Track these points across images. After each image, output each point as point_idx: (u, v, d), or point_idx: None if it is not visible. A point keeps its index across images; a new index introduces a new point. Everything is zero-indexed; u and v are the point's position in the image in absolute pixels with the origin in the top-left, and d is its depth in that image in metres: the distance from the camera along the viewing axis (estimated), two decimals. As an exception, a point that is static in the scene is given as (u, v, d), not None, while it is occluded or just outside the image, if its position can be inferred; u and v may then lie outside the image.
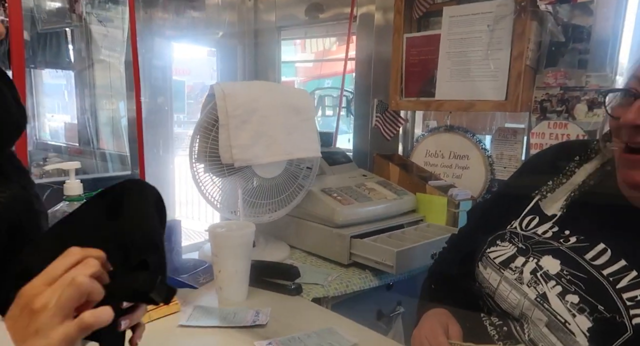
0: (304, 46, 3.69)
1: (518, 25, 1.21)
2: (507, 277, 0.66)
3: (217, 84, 1.01)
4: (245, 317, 0.84)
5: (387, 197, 1.26)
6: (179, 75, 5.87)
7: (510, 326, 0.66)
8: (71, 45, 2.86)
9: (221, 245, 0.89)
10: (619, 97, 0.62)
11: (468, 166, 1.43)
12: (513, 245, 0.69)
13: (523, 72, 1.21)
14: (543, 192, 0.72)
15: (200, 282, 0.98)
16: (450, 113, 1.46)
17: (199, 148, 1.04)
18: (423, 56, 1.45)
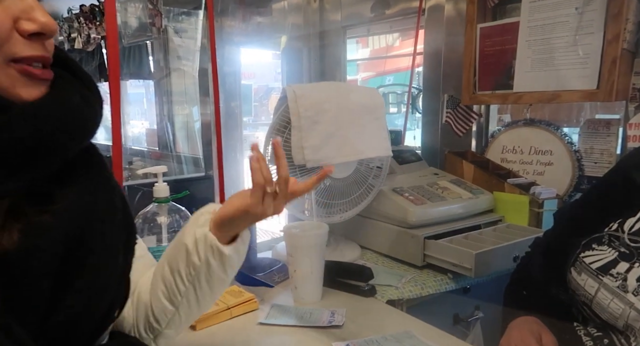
0: (366, 43, 3.64)
1: (613, 4, 1.09)
2: (607, 284, 0.61)
3: (289, 85, 1.03)
4: (321, 317, 0.85)
5: (462, 196, 1.20)
6: (246, 79, 6.10)
7: (611, 338, 0.60)
8: (151, 57, 3.09)
9: (296, 245, 0.90)
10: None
11: (551, 162, 1.33)
12: (613, 249, 0.63)
13: (619, 57, 1.09)
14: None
15: (275, 281, 1.00)
16: (530, 106, 1.36)
17: (272, 149, 1.07)
18: (499, 46, 1.36)
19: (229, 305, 0.85)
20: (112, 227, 0.46)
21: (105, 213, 0.45)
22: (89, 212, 0.43)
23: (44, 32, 0.40)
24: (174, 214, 0.91)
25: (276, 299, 0.94)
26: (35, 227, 0.38)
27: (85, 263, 0.42)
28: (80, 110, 0.42)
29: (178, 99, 3.06)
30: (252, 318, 0.86)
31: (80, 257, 0.41)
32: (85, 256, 0.42)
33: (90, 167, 0.45)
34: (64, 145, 0.41)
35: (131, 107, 3.87)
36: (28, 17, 0.39)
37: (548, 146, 1.33)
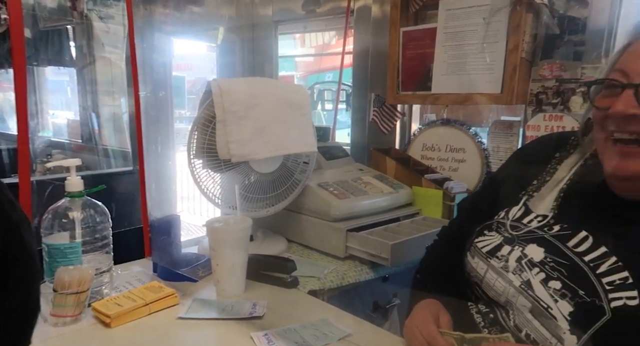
0: (303, 40, 3.67)
1: (514, 17, 1.21)
2: (494, 266, 0.68)
3: (214, 80, 1.02)
4: (243, 309, 0.87)
5: (384, 190, 1.27)
6: (180, 71, 5.88)
7: (496, 314, 0.68)
8: (73, 43, 2.88)
9: (218, 239, 0.91)
10: (603, 88, 0.63)
11: (464, 159, 1.44)
12: (500, 235, 0.71)
13: (519, 65, 1.22)
14: (529, 192, 0.74)
15: (199, 275, 1.00)
16: (446, 107, 1.47)
17: (197, 144, 1.06)
18: (420, 50, 1.45)
19: (147, 301, 0.84)
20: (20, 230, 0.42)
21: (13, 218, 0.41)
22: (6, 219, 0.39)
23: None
24: (88, 209, 0.87)
25: (199, 293, 0.94)
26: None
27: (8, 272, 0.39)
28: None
29: (105, 89, 2.89)
30: (172, 313, 0.85)
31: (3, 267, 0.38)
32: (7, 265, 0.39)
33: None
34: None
35: (53, 96, 3.57)
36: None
37: (462, 144, 1.45)
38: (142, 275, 1.02)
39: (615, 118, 0.59)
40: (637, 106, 0.57)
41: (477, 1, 1.29)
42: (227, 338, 0.78)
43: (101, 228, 0.89)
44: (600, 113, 0.62)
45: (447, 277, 0.82)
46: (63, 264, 0.83)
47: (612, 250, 0.60)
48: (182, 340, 0.77)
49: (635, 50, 0.60)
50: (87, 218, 0.87)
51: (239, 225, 0.93)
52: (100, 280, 0.89)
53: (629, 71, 0.58)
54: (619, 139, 0.60)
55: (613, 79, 0.60)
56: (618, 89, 0.59)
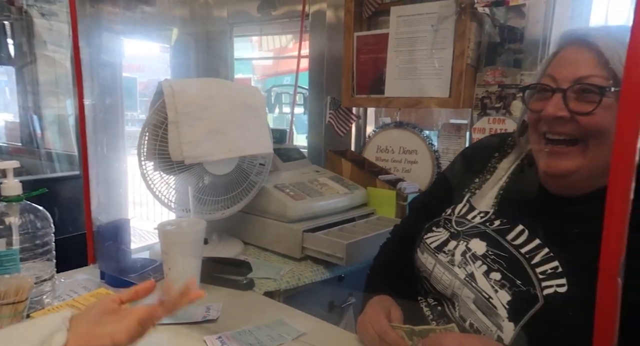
0: (260, 43, 3.67)
1: (459, 25, 1.27)
2: (441, 260, 0.72)
3: (166, 80, 1.00)
4: (196, 313, 0.85)
5: (339, 191, 1.29)
6: (132, 72, 5.66)
7: (443, 306, 0.72)
8: (11, 40, 2.70)
9: (170, 242, 0.88)
10: (536, 93, 0.67)
11: (417, 160, 1.49)
12: (446, 231, 0.75)
13: (464, 71, 1.28)
14: (472, 189, 0.78)
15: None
16: (399, 110, 1.52)
17: (148, 145, 1.03)
18: (373, 54, 1.49)
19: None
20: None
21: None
22: None
23: None
24: (27, 214, 0.82)
25: (150, 299, 0.91)
26: None
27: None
28: None
29: (48, 89, 2.73)
30: (121, 320, 0.82)
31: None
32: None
33: None
34: None
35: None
36: None
37: (414, 146, 1.50)
38: (89, 283, 0.97)
39: (547, 120, 0.63)
40: (565, 109, 0.61)
41: (426, 9, 1.34)
42: (179, 343, 0.76)
43: (42, 234, 0.84)
44: (533, 116, 0.67)
45: (399, 274, 0.84)
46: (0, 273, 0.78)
47: (545, 242, 0.64)
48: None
49: (562, 58, 0.65)
50: (26, 223, 0.82)
51: (192, 227, 0.91)
52: (40, 289, 0.84)
53: (558, 77, 0.63)
54: (551, 139, 0.64)
55: (544, 84, 0.65)
56: (549, 93, 0.64)
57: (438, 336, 0.62)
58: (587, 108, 0.60)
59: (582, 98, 0.61)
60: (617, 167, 0.44)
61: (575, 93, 0.61)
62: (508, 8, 1.25)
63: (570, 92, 0.61)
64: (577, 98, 0.61)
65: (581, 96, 0.61)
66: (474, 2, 1.23)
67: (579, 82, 0.61)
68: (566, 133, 0.62)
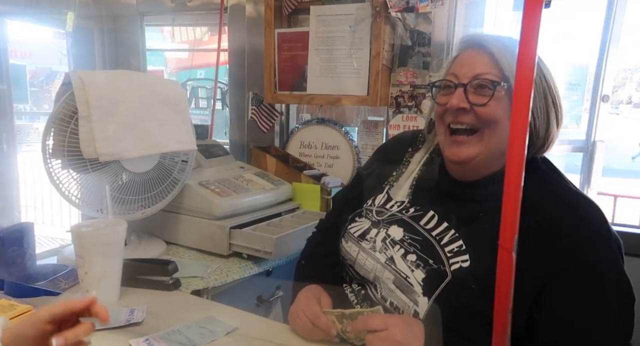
0: (173, 34, 3.49)
1: (375, 28, 1.35)
2: (364, 247, 0.77)
3: (74, 71, 0.93)
4: (119, 317, 0.80)
5: (265, 187, 1.30)
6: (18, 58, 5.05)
7: (367, 289, 0.77)
8: None
9: (87, 244, 0.83)
10: (441, 89, 0.76)
11: (338, 156, 1.56)
12: (368, 220, 0.81)
13: (381, 71, 1.37)
14: (390, 182, 0.85)
15: (62, 288, 0.89)
16: (321, 107, 1.57)
17: (54, 142, 0.94)
18: (294, 51, 1.52)
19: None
20: None
21: None
22: None
23: None
24: None
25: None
26: None
27: None
28: None
29: None
30: (31, 333, 0.75)
31: None
32: None
33: None
34: None
35: None
36: None
37: (336, 142, 1.56)
38: (-14, 296, 0.87)
39: (451, 111, 0.72)
40: (465, 101, 0.70)
41: (343, 10, 1.40)
42: (102, 350, 0.72)
43: None
44: (440, 109, 0.75)
45: (326, 264, 0.89)
46: None
47: (451, 224, 0.73)
48: (46, 359, 0.69)
49: (462, 59, 0.74)
50: None
51: (111, 228, 0.86)
52: None
53: (459, 74, 0.72)
54: (454, 130, 0.73)
55: (448, 80, 0.74)
56: (452, 88, 0.73)
57: (365, 318, 0.68)
58: (483, 101, 0.70)
59: (478, 92, 0.71)
60: (512, 158, 0.52)
61: (473, 87, 0.71)
62: (417, 14, 1.36)
63: (469, 86, 0.71)
64: (474, 92, 0.71)
65: (478, 90, 0.71)
66: (387, 7, 1.31)
67: (476, 78, 0.70)
68: (467, 122, 0.71)
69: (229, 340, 0.77)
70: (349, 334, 0.70)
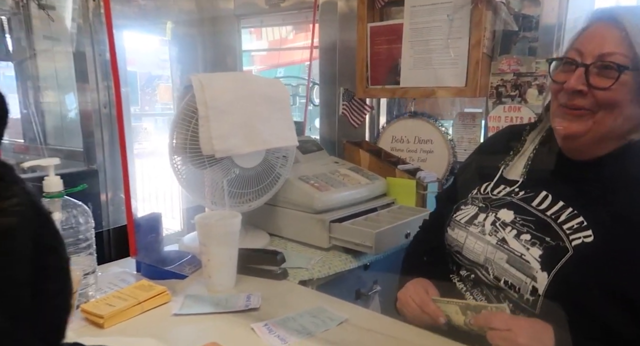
0: (259, 34, 3.64)
1: (475, 14, 1.29)
2: (472, 232, 0.77)
3: (194, 75, 1.01)
4: (238, 302, 0.87)
5: (361, 182, 1.31)
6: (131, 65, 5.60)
7: (476, 273, 0.76)
8: (8, 35, 2.65)
9: (210, 234, 0.90)
10: (561, 65, 0.72)
11: (432, 150, 1.52)
12: (474, 206, 0.80)
13: (481, 60, 1.30)
14: (507, 161, 0.84)
15: (187, 272, 0.98)
16: (414, 100, 1.54)
17: (177, 140, 1.04)
18: (387, 45, 1.50)
19: (139, 300, 0.82)
20: (51, 219, 0.42)
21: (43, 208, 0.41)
22: (35, 207, 0.39)
23: None
24: (70, 209, 0.83)
25: (189, 290, 0.93)
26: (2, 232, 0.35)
27: (48, 264, 0.39)
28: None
29: (48, 85, 2.70)
30: (166, 310, 0.84)
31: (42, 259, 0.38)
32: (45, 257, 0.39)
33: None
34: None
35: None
36: None
37: (429, 136, 1.52)
38: (125, 275, 0.99)
39: (567, 92, 0.68)
40: (585, 83, 0.66)
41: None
42: (227, 331, 0.78)
43: (84, 229, 0.86)
44: (556, 86, 0.71)
45: (431, 260, 0.88)
46: (45, 268, 0.79)
47: (568, 203, 0.70)
48: (182, 335, 0.77)
49: (590, 33, 0.68)
50: (68, 219, 0.83)
51: (229, 219, 0.93)
52: (85, 282, 0.86)
53: (584, 50, 0.67)
54: (563, 105, 0.70)
55: (570, 58, 0.69)
56: (573, 66, 0.68)
57: (489, 314, 0.66)
58: (606, 84, 0.64)
59: (602, 74, 0.65)
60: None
61: (597, 68, 0.66)
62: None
63: (592, 67, 0.66)
64: (597, 73, 0.66)
65: (601, 72, 0.65)
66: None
67: (601, 59, 0.65)
68: (582, 106, 0.67)
69: (341, 330, 0.79)
70: (472, 326, 0.69)
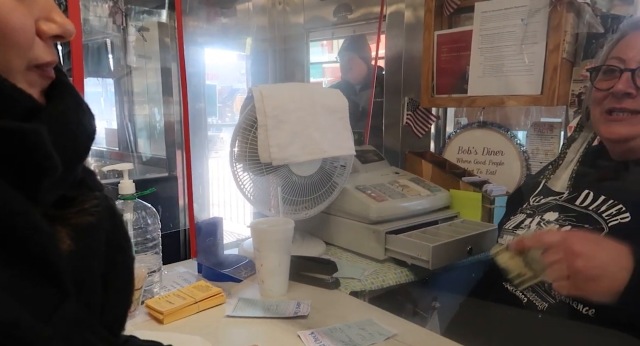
0: (331, 47, 3.71)
1: (554, 17, 1.19)
2: (519, 234, 0.79)
3: (255, 86, 1.05)
4: (287, 308, 0.88)
5: (421, 193, 1.27)
6: (209, 79, 6.03)
7: None
8: (111, 55, 3.00)
9: (263, 239, 0.93)
10: (602, 73, 0.76)
11: (502, 162, 1.42)
12: (523, 214, 0.82)
13: (559, 65, 1.20)
14: (547, 175, 0.88)
15: (242, 276, 1.02)
16: (483, 110, 1.46)
17: (238, 148, 1.09)
18: (454, 53, 1.45)
19: (196, 299, 0.86)
20: (123, 221, 0.46)
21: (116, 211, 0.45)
22: (111, 209, 0.43)
23: (64, 35, 0.37)
24: (140, 211, 0.91)
25: (243, 293, 0.96)
26: (82, 229, 0.37)
27: (117, 261, 0.42)
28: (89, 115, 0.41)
29: (139, 99, 3.00)
30: (220, 311, 0.88)
31: (113, 256, 0.41)
32: (115, 254, 0.42)
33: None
34: (88, 150, 0.40)
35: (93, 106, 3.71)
36: (47, 18, 0.36)
37: (499, 147, 1.43)
38: (188, 275, 1.05)
39: (616, 96, 0.72)
40: (633, 86, 0.70)
41: (513, 2, 1.28)
42: (275, 336, 0.79)
43: (152, 230, 0.93)
44: (600, 94, 0.75)
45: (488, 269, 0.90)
46: (117, 263, 0.87)
47: (609, 196, 0.72)
48: (233, 336, 0.79)
49: (628, 41, 0.73)
50: (138, 219, 0.91)
51: (282, 226, 0.95)
52: (150, 279, 0.92)
53: (626, 58, 0.72)
54: (612, 109, 0.73)
55: (612, 65, 0.74)
56: (617, 73, 0.72)
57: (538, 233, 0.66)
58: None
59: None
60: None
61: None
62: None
63: (638, 71, 0.70)
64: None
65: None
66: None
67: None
68: (629, 109, 0.71)
69: (388, 345, 0.76)
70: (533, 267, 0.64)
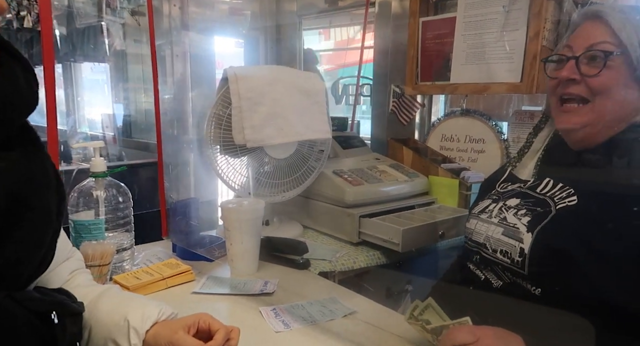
0: (328, 35, 3.69)
1: (534, 4, 1.18)
2: (482, 218, 0.82)
3: (231, 67, 1.06)
4: (254, 286, 0.90)
5: (399, 178, 1.28)
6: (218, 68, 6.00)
7: (481, 253, 0.79)
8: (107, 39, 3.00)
9: (232, 219, 0.94)
10: (555, 62, 0.79)
11: (484, 150, 1.43)
12: (489, 199, 0.85)
13: (539, 53, 1.19)
14: (513, 163, 0.90)
15: (215, 256, 1.04)
16: (466, 97, 1.45)
17: (214, 130, 1.10)
18: (439, 40, 1.44)
19: (164, 276, 0.88)
20: (47, 190, 0.50)
21: (41, 178, 0.50)
22: (26, 176, 0.47)
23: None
24: (111, 189, 0.93)
25: (214, 272, 0.98)
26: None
27: (24, 218, 0.46)
28: (24, 90, 0.46)
29: (136, 85, 3.01)
30: (188, 288, 0.90)
31: (19, 213, 0.46)
32: (24, 212, 0.46)
33: (25, 142, 0.50)
34: (11, 120, 0.45)
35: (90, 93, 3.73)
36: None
37: (481, 135, 1.43)
38: (162, 254, 1.07)
39: (562, 83, 0.74)
40: (577, 72, 0.72)
41: (497, -11, 1.27)
42: (236, 312, 0.81)
43: (123, 208, 0.94)
44: (552, 82, 0.77)
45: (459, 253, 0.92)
46: (87, 239, 0.89)
47: (566, 183, 0.74)
48: (194, 311, 0.81)
49: (578, 31, 0.76)
50: (109, 197, 0.93)
51: (250, 206, 0.97)
52: (121, 256, 0.94)
53: (574, 45, 0.74)
54: (564, 99, 0.75)
55: (561, 54, 0.76)
56: (564, 61, 0.75)
57: (452, 331, 0.62)
58: (595, 71, 0.71)
59: (591, 63, 0.72)
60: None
61: (586, 58, 0.72)
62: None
63: (582, 57, 0.72)
64: (587, 63, 0.72)
65: (591, 62, 0.72)
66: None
67: (589, 49, 0.72)
68: (577, 93, 0.73)
69: (346, 321, 0.78)
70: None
